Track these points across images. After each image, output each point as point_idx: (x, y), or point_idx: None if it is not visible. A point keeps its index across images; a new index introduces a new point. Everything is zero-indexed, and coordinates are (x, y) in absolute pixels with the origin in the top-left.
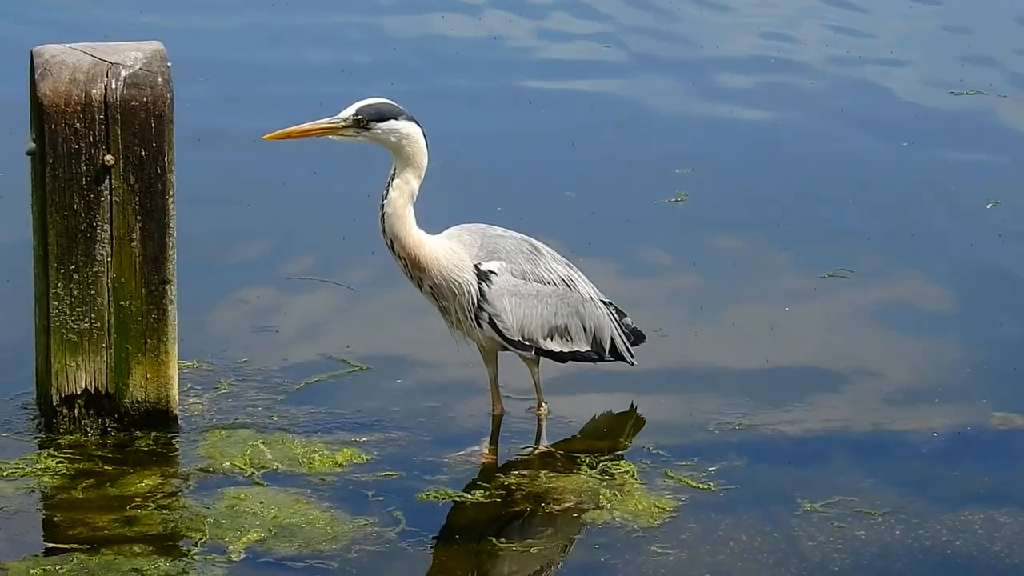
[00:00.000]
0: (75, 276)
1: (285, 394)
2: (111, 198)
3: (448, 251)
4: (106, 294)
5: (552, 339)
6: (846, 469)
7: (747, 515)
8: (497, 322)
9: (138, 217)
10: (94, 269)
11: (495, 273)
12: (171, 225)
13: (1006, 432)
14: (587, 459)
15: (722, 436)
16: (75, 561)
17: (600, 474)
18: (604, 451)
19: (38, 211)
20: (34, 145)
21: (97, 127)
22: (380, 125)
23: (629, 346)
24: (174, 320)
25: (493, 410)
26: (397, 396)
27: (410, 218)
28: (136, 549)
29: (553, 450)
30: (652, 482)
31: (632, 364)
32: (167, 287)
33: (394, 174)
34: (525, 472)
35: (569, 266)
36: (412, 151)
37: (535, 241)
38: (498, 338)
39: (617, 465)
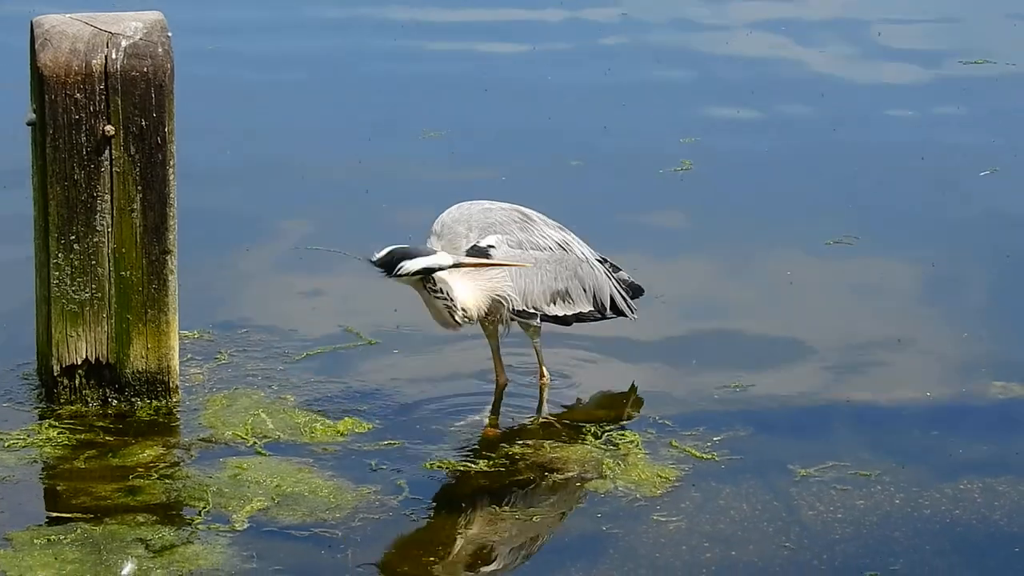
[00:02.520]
0: (76, 246)
1: (286, 364)
2: (111, 169)
3: (480, 286)
4: (107, 264)
5: (555, 303)
6: (846, 438)
7: (748, 484)
8: (501, 294)
9: (138, 187)
10: (95, 239)
11: (493, 247)
12: (171, 195)
13: (1005, 401)
14: (592, 429)
15: (727, 405)
16: (79, 531)
17: (604, 444)
18: (609, 421)
19: (38, 182)
20: (34, 116)
21: (97, 97)
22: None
23: (629, 300)
24: (175, 290)
25: (496, 380)
26: (398, 366)
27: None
28: (140, 518)
29: (554, 420)
30: (656, 452)
31: (633, 319)
32: (168, 257)
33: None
34: (529, 441)
35: (562, 229)
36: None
37: (525, 209)
38: (503, 310)
39: (622, 435)
